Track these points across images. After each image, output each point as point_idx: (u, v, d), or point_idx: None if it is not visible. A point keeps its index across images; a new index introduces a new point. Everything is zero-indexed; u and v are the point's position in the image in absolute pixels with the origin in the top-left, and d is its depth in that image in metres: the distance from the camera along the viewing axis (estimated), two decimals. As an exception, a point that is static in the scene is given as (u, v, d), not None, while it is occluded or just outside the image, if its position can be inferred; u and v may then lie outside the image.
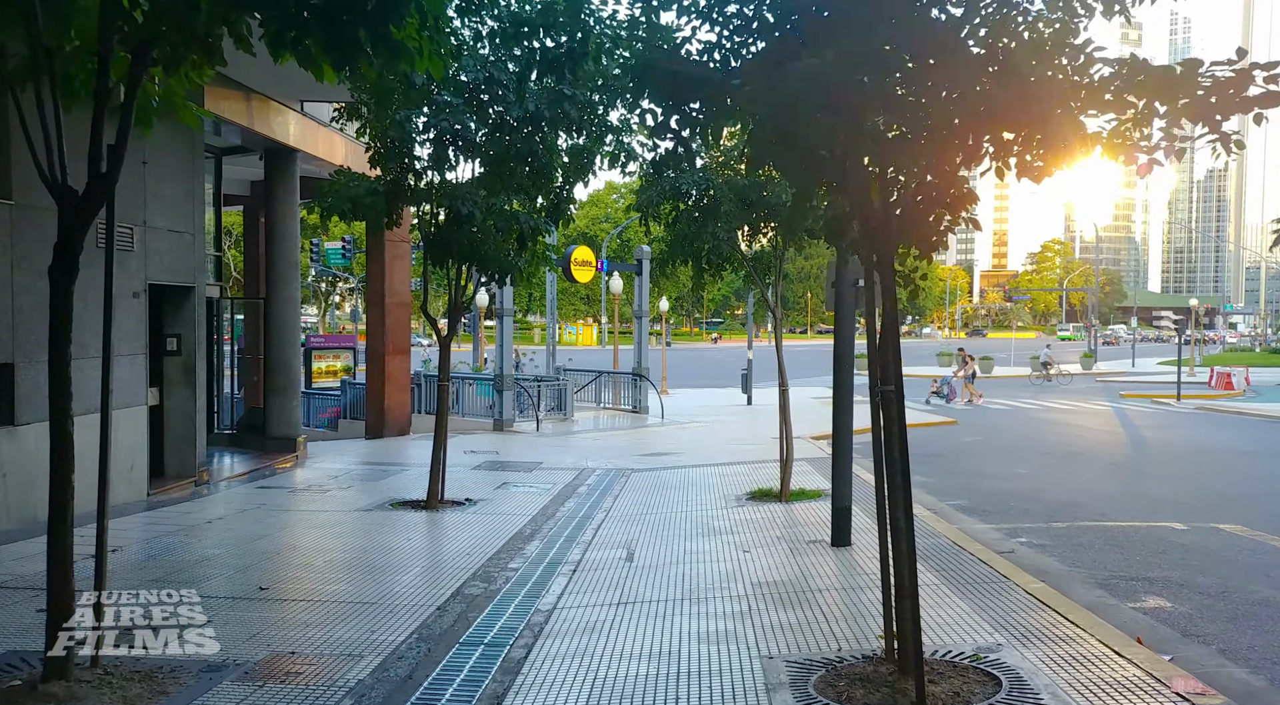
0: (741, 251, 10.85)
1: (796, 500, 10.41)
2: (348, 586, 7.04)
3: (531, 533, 9.22)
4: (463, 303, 10.85)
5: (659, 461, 14.85)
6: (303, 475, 13.41)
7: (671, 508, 10.55)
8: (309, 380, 28.77)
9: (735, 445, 17.09)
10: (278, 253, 14.89)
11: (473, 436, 19.18)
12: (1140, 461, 15.16)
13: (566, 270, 22.00)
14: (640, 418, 22.92)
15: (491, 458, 15.44)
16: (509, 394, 20.47)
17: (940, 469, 13.91)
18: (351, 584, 7.12)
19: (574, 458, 15.49)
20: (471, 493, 11.69)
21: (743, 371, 28.68)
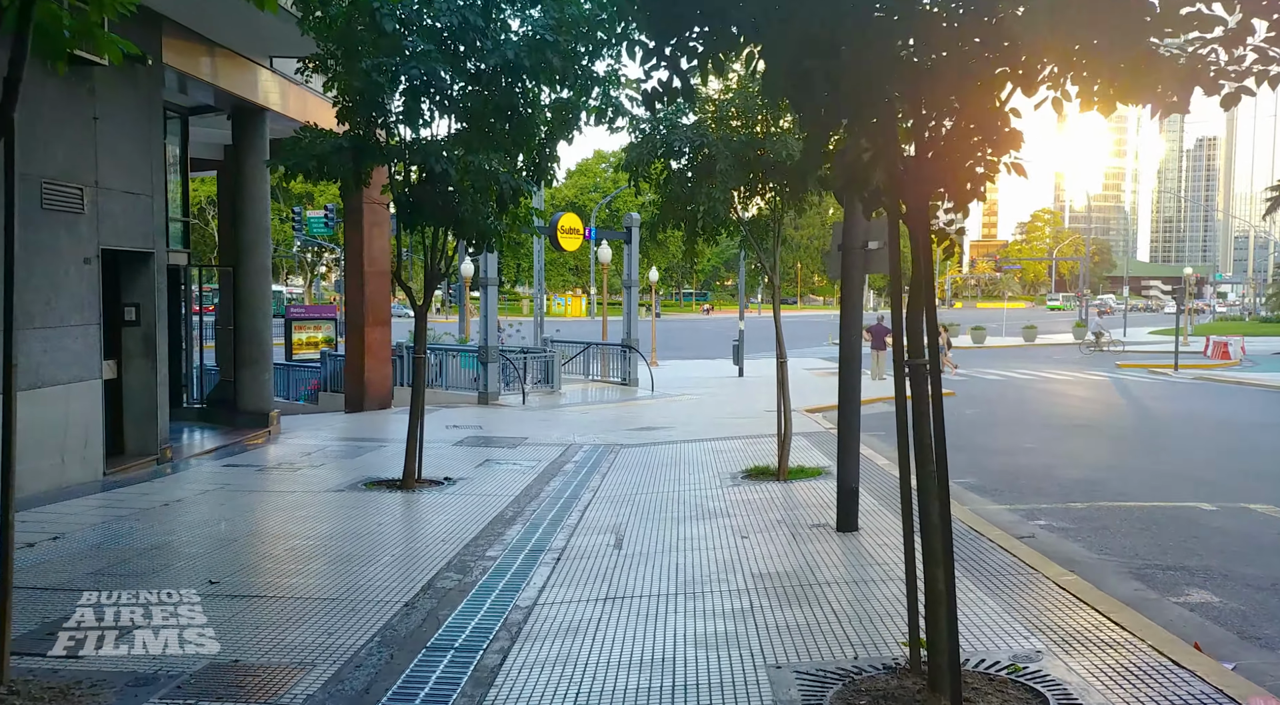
0: (738, 214, 10.16)
1: (796, 479, 9.81)
2: (308, 579, 6.41)
3: (513, 515, 8.59)
4: (440, 270, 10.16)
5: (649, 436, 14.24)
6: (274, 452, 12.74)
7: (663, 487, 9.95)
8: (289, 352, 28.03)
9: (728, 419, 16.50)
10: (247, 217, 14.10)
11: (456, 410, 18.52)
12: (1150, 434, 14.64)
13: (553, 238, 21.24)
14: (630, 390, 22.30)
15: (474, 432, 14.80)
16: (494, 366, 19.79)
17: (943, 444, 13.36)
18: (313, 576, 6.48)
19: (561, 432, 14.87)
20: (451, 471, 11.05)
21: (734, 342, 28.03)
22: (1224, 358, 34.14)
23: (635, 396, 21.20)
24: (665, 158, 9.69)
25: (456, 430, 15.03)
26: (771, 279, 10.11)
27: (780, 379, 10.11)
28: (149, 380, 11.15)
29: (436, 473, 10.82)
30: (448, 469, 11.20)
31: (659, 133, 9.49)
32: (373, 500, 9.32)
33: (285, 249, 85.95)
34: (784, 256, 46.63)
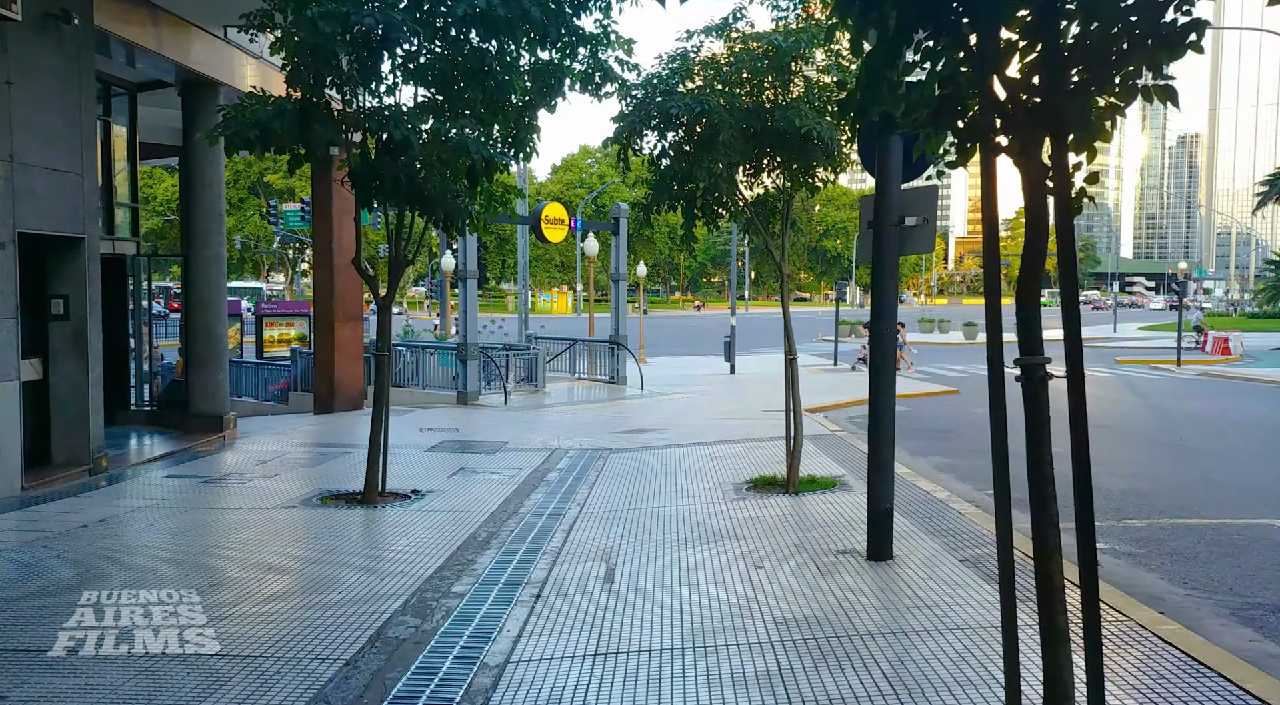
0: (742, 194, 9.03)
1: (807, 491, 8.70)
2: (232, 626, 5.24)
3: (487, 537, 7.45)
4: (405, 256, 8.99)
5: (640, 440, 13.11)
6: (226, 460, 11.53)
7: (658, 500, 8.82)
8: (260, 349, 26.82)
9: (724, 420, 15.39)
10: (199, 202, 12.86)
11: (433, 411, 17.35)
12: (1182, 437, 13.59)
13: (537, 229, 20.06)
14: (618, 389, 21.16)
15: (451, 436, 13.63)
16: (474, 364, 18.62)
17: (959, 447, 12.27)
18: (238, 622, 5.31)
19: (545, 436, 13.72)
20: (421, 481, 9.90)
21: (725, 339, 26.96)
22: (1225, 353, 33.37)
23: (624, 395, 20.07)
24: (661, 128, 8.55)
25: (431, 434, 13.86)
26: (779, 267, 8.99)
27: (790, 378, 9.00)
28: (79, 381, 9.92)
29: (404, 484, 9.68)
30: (417, 479, 10.05)
31: (654, 99, 8.35)
32: (326, 519, 8.14)
33: (266, 244, 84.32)
34: (755, 258, 45.79)
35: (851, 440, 12.19)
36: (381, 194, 7.65)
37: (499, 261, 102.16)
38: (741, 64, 8.35)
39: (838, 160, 8.56)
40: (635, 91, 8.50)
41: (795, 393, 8.96)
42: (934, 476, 9.78)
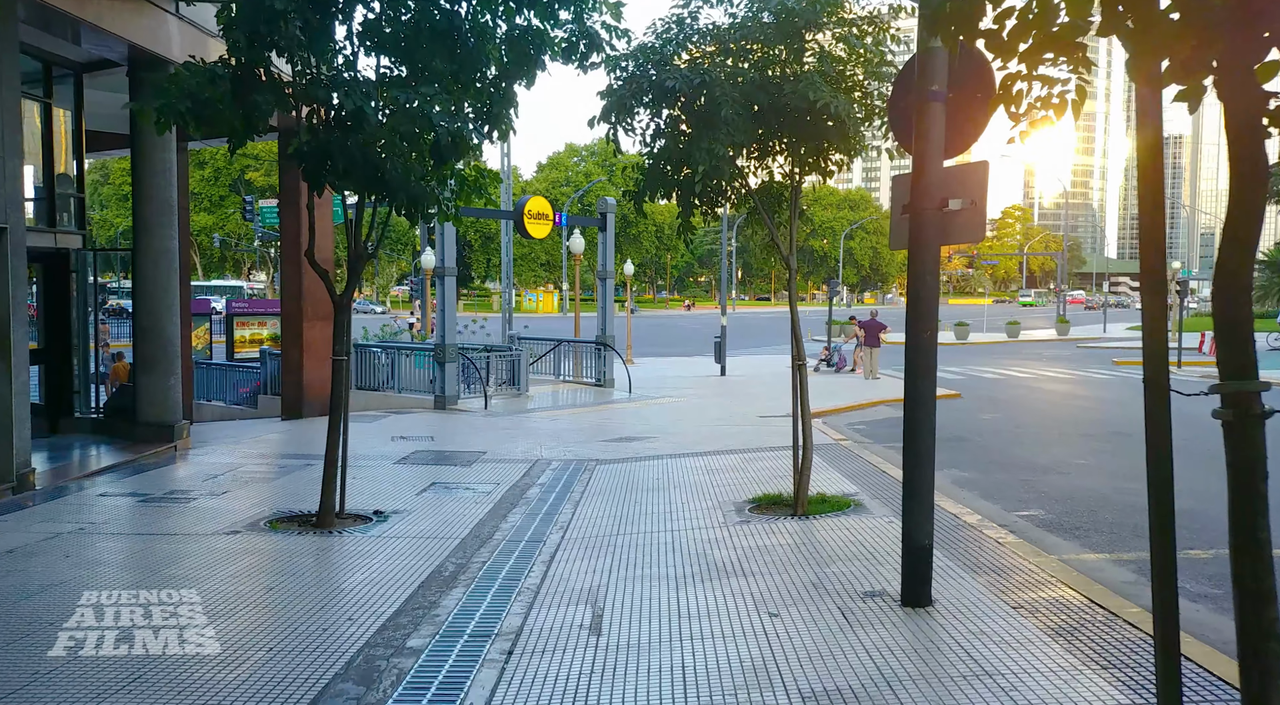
0: (745, 180, 8.06)
1: (818, 513, 7.74)
2: (119, 702, 4.22)
3: (455, 571, 6.45)
4: (365, 249, 7.99)
5: (629, 449, 12.13)
6: (173, 474, 10.47)
7: (650, 523, 7.84)
8: (230, 351, 25.70)
9: (718, 427, 14.43)
10: (147, 191, 11.78)
11: (408, 417, 16.31)
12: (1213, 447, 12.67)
13: (519, 224, 19.03)
14: (605, 392, 20.17)
15: (424, 445, 12.61)
16: (452, 366, 17.58)
17: (976, 458, 11.34)
18: (129, 699, 4.30)
19: (526, 444, 12.72)
20: (386, 499, 8.89)
21: (715, 339, 26.01)
22: (1225, 354, 32.61)
23: (611, 399, 19.08)
24: (654, 105, 7.57)
25: (403, 443, 12.84)
26: (787, 261, 8.02)
27: (799, 386, 8.04)
28: (0, 389, 8.85)
29: (367, 502, 8.68)
30: (383, 497, 9.05)
31: (647, 71, 7.37)
32: (271, 549, 7.12)
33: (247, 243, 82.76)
34: (755, 253, 44.97)
35: (860, 451, 11.25)
36: (334, 176, 6.64)
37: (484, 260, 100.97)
38: (747, 31, 7.39)
39: (853, 142, 7.61)
40: (625, 63, 7.51)
41: (804, 401, 8.00)
42: (955, 494, 8.84)
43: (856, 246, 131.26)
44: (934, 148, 5.05)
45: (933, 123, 5.02)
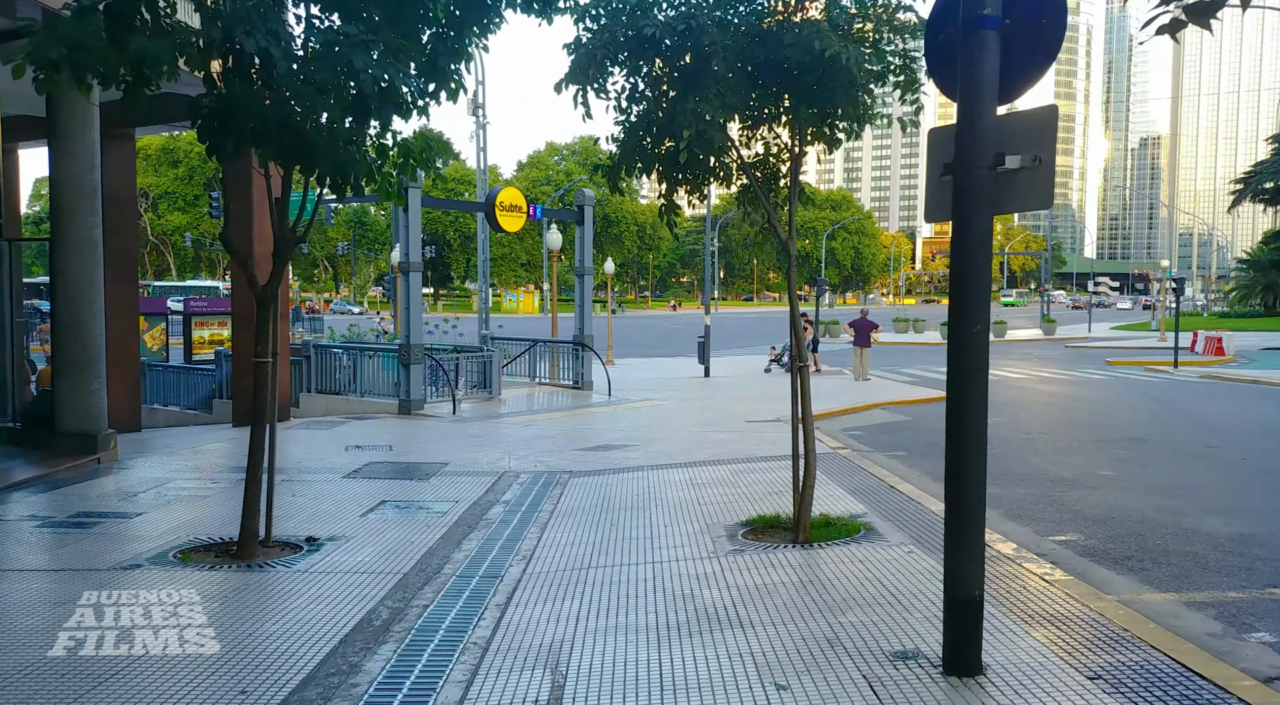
0: (738, 151, 6.95)
1: (824, 540, 6.64)
2: None
3: (390, 618, 5.30)
4: (294, 231, 6.83)
5: (606, 460, 10.99)
6: (88, 492, 9.23)
7: (628, 552, 6.71)
8: (188, 352, 24.37)
9: (703, 433, 13.31)
10: (65, 174, 10.53)
11: (369, 423, 15.10)
12: (1236, 454, 11.68)
13: (490, 216, 17.82)
14: (583, 395, 19.01)
15: (381, 456, 11.42)
16: (418, 369, 16.37)
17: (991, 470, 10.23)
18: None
19: (494, 454, 11.56)
20: (326, 521, 7.72)
21: (699, 339, 24.93)
22: (1219, 353, 32.01)
23: (589, 402, 17.92)
24: (632, 61, 6.44)
25: (358, 453, 11.64)
26: (786, 247, 6.91)
27: (799, 391, 6.93)
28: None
29: (301, 526, 7.51)
30: (321, 519, 7.88)
31: (620, 19, 6.23)
32: (171, 588, 5.92)
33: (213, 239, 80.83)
34: (738, 253, 43.68)
35: (861, 461, 10.16)
36: (240, 139, 5.45)
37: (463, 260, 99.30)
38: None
39: (864, 106, 6.51)
40: (596, 9, 6.37)
41: (806, 408, 6.88)
42: (976, 513, 7.76)
43: (839, 246, 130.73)
44: (985, 88, 3.95)
45: (984, 55, 3.92)
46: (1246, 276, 68.50)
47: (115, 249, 15.00)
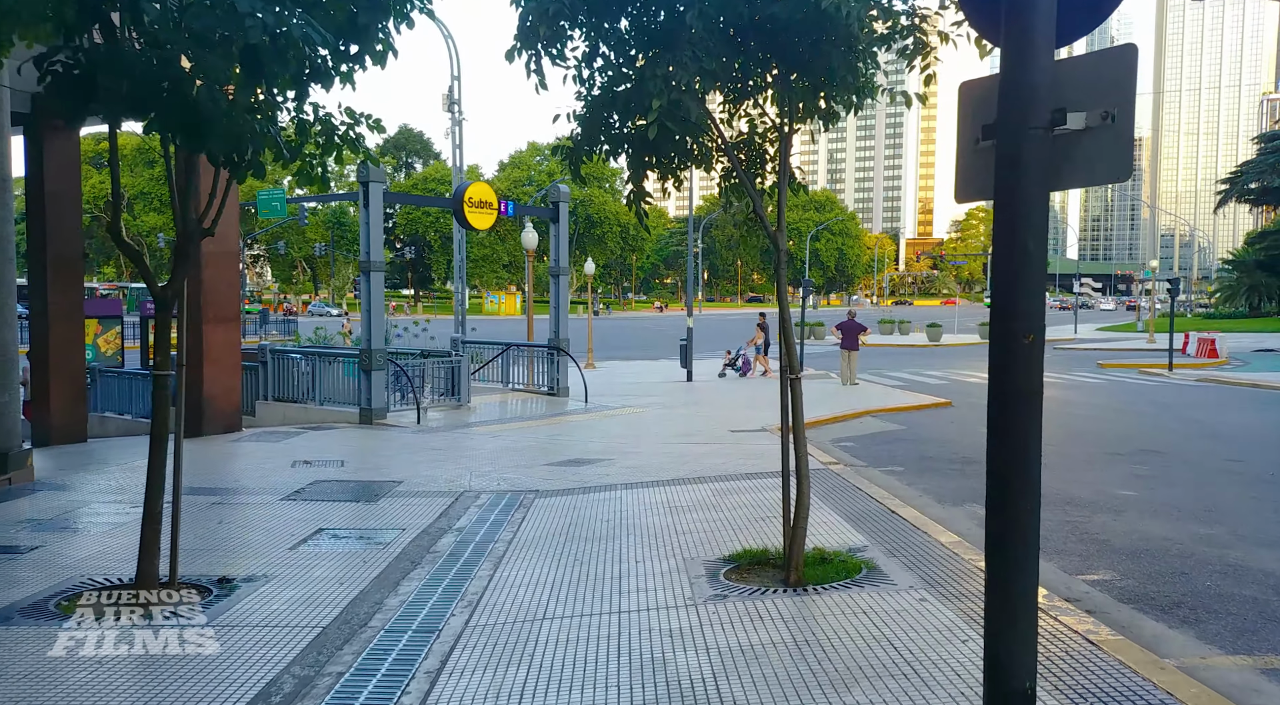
0: (718, 130, 5.99)
1: (820, 582, 5.68)
2: None
3: (292, 694, 4.31)
4: (196, 224, 5.82)
5: (577, 476, 10.01)
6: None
7: (591, 597, 5.74)
8: (145, 357, 23.18)
9: (684, 445, 12.35)
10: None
11: (326, 434, 14.05)
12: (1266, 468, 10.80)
13: (458, 214, 16.79)
14: (557, 402, 18.01)
15: (330, 473, 10.40)
16: (380, 375, 15.34)
17: (995, 487, 9.36)
18: None
19: (455, 470, 10.57)
20: (248, 556, 6.71)
21: (681, 341, 23.99)
22: (1212, 356, 31.37)
23: (564, 410, 16.93)
24: (593, 17, 5.47)
25: (304, 470, 10.62)
26: (774, 241, 5.95)
27: (790, 407, 5.98)
28: None
29: (218, 562, 6.51)
30: (244, 552, 6.87)
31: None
32: (31, 648, 4.90)
33: (196, 243, 79.02)
34: (723, 254, 42.35)
35: (856, 479, 9.22)
36: (111, 103, 4.44)
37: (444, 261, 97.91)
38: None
39: (865, 76, 5.57)
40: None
41: (799, 432, 5.92)
42: (991, 544, 6.83)
43: (823, 248, 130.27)
44: (1039, 23, 2.99)
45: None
46: (1231, 277, 68.23)
47: (58, 251, 13.92)
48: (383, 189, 15.25)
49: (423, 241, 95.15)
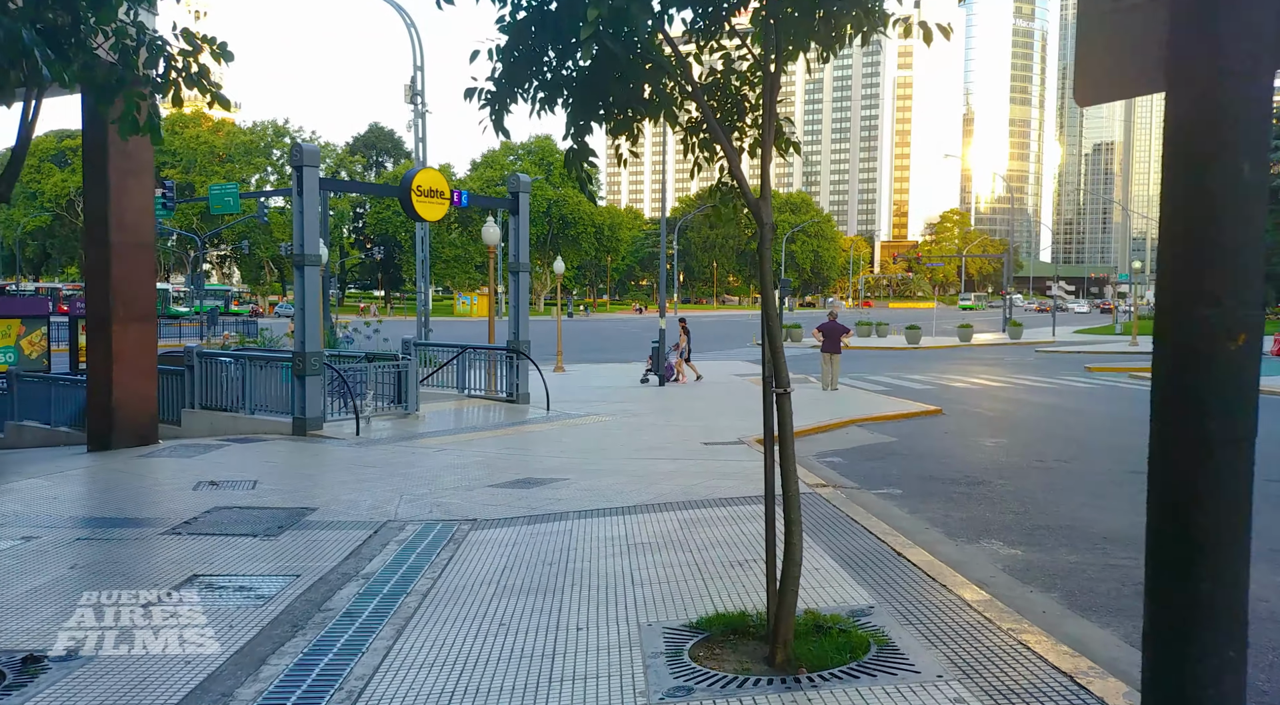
0: (681, 58, 4.57)
1: (815, 665, 4.27)
2: None
3: None
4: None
5: (525, 501, 8.56)
6: None
7: (510, 695, 4.28)
8: (74, 360, 21.46)
9: (652, 460, 10.92)
10: None
11: (251, 448, 12.50)
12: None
13: (405, 202, 15.25)
14: (516, 410, 16.51)
15: (237, 497, 8.87)
16: (315, 381, 13.79)
17: (1017, 519, 7.99)
18: None
19: (383, 493, 9.09)
20: (62, 627, 5.18)
21: (653, 344, 22.59)
22: (1203, 359, 30.35)
23: (523, 419, 15.45)
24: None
25: (210, 493, 9.08)
26: (757, 212, 4.53)
27: (775, 432, 4.57)
28: None
29: (39, 628, 5.00)
30: (80, 614, 5.34)
31: None
32: None
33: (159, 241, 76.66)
34: (698, 256, 40.36)
35: (849, 507, 7.81)
36: None
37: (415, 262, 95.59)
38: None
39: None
40: None
41: (786, 459, 4.51)
42: (1026, 603, 5.45)
43: (798, 250, 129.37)
44: None
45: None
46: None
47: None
48: (317, 174, 13.71)
49: (393, 242, 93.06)
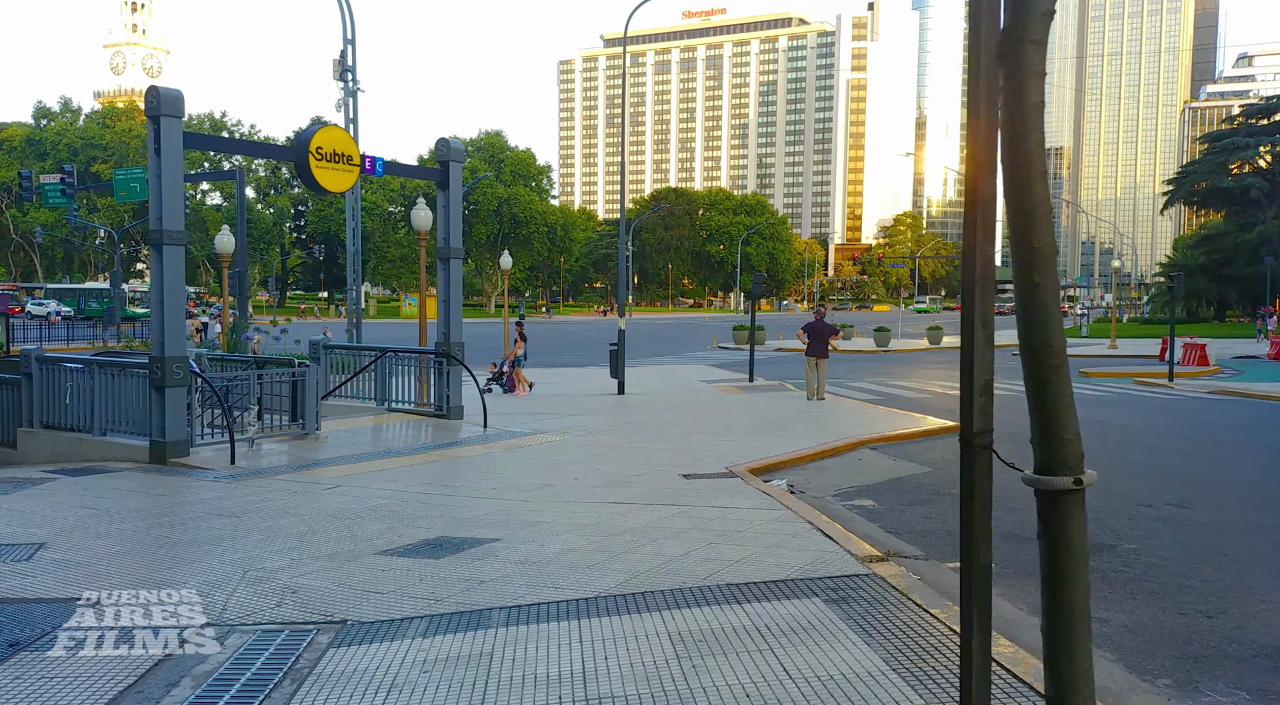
0: None
1: None
2: None
3: None
4: None
5: (429, 584, 5.56)
6: None
7: None
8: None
9: (616, 504, 7.95)
10: None
11: (80, 483, 9.34)
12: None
13: (303, 171, 12.09)
14: (446, 429, 13.43)
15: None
16: (178, 393, 10.61)
17: (1221, 634, 5.23)
18: None
19: (220, 567, 6.05)
20: None
21: (611, 347, 19.70)
22: (1202, 363, 28.42)
23: (453, 439, 12.40)
24: None
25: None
26: None
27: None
28: None
29: None
30: None
31: None
32: None
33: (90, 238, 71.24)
34: (653, 258, 36.63)
35: (934, 604, 4.93)
36: None
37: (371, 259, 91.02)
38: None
39: None
40: None
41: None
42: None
43: (754, 252, 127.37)
44: None
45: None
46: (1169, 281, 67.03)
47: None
48: (179, 126, 10.53)
49: (336, 240, 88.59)
